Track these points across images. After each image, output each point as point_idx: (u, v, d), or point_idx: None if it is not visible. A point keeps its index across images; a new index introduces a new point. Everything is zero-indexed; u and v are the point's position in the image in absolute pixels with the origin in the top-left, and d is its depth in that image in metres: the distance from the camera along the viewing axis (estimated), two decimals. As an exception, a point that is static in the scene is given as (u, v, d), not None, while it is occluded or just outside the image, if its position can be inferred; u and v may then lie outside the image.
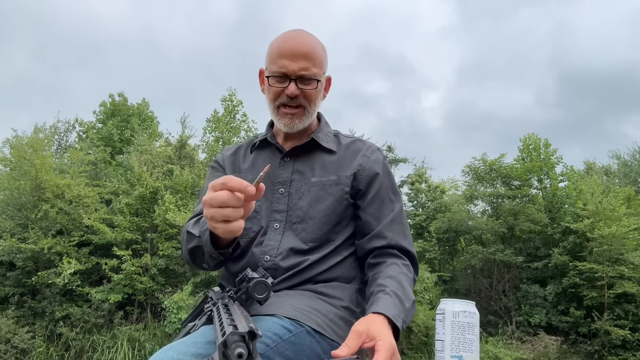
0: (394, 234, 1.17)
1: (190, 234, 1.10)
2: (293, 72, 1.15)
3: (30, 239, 7.88)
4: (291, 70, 1.15)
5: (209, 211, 0.86)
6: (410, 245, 1.18)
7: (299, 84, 1.17)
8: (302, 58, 1.15)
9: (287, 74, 1.16)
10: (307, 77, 1.16)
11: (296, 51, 1.15)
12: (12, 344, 7.06)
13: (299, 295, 1.08)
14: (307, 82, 1.17)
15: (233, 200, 0.83)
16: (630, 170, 18.41)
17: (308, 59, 1.16)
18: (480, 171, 12.95)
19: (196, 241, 1.07)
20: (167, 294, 7.81)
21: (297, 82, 1.16)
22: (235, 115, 12.77)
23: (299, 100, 1.19)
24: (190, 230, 1.11)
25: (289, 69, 1.15)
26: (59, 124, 13.79)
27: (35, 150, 8.46)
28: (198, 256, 1.09)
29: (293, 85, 1.16)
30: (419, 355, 9.04)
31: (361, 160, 1.23)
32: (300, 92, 1.18)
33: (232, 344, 0.65)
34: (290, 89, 1.16)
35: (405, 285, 1.07)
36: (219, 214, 0.85)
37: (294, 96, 1.17)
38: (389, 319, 0.91)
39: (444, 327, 0.98)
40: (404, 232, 1.20)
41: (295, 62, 1.15)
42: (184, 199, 8.94)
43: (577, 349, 10.16)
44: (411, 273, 1.14)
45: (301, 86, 1.17)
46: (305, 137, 1.26)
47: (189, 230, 1.12)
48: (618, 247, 10.18)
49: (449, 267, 13.58)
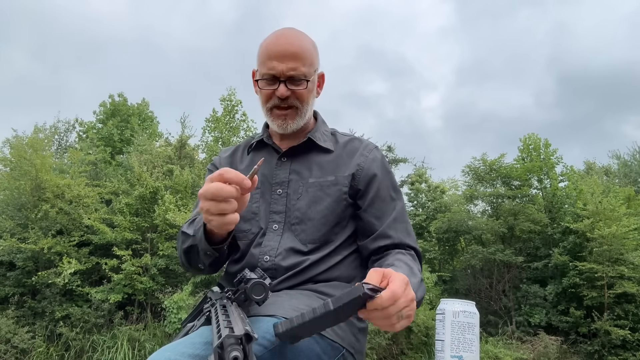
0: (398, 232, 1.17)
1: (184, 234, 1.10)
2: (282, 73, 1.14)
3: (30, 239, 7.88)
4: (279, 71, 1.14)
5: (205, 204, 0.86)
6: (414, 242, 1.18)
7: (289, 84, 1.16)
8: (290, 59, 1.14)
9: (276, 75, 1.15)
10: (296, 78, 1.15)
11: (284, 52, 1.14)
12: (12, 344, 7.06)
13: (299, 294, 1.07)
14: (297, 83, 1.16)
15: (229, 192, 0.84)
16: (630, 170, 18.41)
17: (297, 59, 1.15)
18: (480, 171, 12.95)
19: (191, 240, 1.06)
20: (167, 294, 7.81)
21: (287, 83, 1.15)
22: (234, 115, 12.76)
23: (290, 101, 1.18)
24: (185, 231, 1.11)
25: (277, 70, 1.14)
26: (59, 124, 13.81)
27: (35, 150, 8.46)
28: (193, 256, 1.09)
29: (283, 86, 1.15)
30: (419, 355, 9.04)
31: (359, 160, 1.22)
32: (291, 93, 1.17)
33: (228, 347, 0.65)
34: (280, 91, 1.15)
35: (413, 266, 1.05)
36: (214, 207, 0.85)
37: (284, 97, 1.16)
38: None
39: (444, 327, 0.98)
40: (407, 230, 1.19)
41: (283, 63, 1.14)
42: (184, 199, 8.94)
43: (577, 349, 10.16)
44: (417, 263, 1.13)
45: (291, 87, 1.16)
46: (302, 136, 1.26)
47: (183, 231, 1.12)
48: (618, 247, 10.18)
49: (449, 267, 13.58)
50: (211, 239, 1.00)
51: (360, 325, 1.13)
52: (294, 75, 1.15)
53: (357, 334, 1.11)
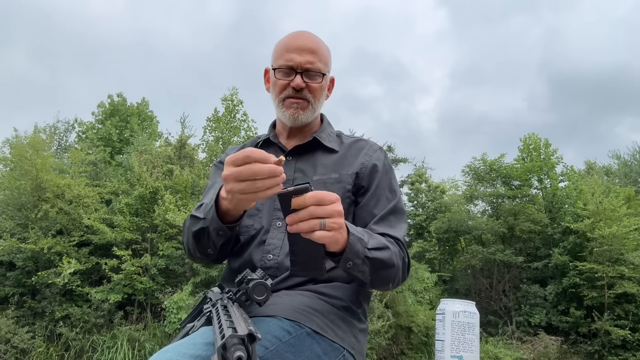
0: (383, 227, 1.15)
1: (194, 217, 1.10)
2: (299, 64, 1.19)
3: (30, 239, 7.87)
4: (297, 62, 1.19)
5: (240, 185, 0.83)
6: (398, 234, 1.15)
7: (305, 77, 1.20)
8: (308, 52, 1.19)
9: (294, 67, 1.19)
10: (312, 71, 1.20)
11: (303, 46, 1.20)
12: (12, 344, 7.06)
13: (299, 295, 1.07)
14: (312, 76, 1.20)
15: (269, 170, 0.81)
16: (630, 170, 18.40)
17: (314, 53, 1.20)
18: (480, 171, 12.95)
19: (201, 223, 1.06)
20: (167, 294, 7.80)
21: (303, 76, 1.19)
22: (235, 115, 12.75)
23: (304, 94, 1.21)
24: (195, 214, 1.10)
25: (295, 62, 1.19)
26: (58, 124, 13.81)
27: (36, 150, 8.45)
28: (203, 240, 1.08)
29: (299, 77, 1.19)
30: (419, 355, 9.04)
31: (363, 160, 1.24)
32: (306, 86, 1.20)
33: (232, 347, 0.64)
34: (296, 81, 1.19)
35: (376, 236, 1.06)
36: (251, 186, 0.83)
37: (299, 89, 1.20)
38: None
39: (444, 327, 0.98)
40: (392, 226, 1.17)
41: (301, 56, 1.19)
42: (184, 199, 8.93)
43: (577, 349, 10.16)
44: (395, 246, 1.10)
45: (307, 80, 1.20)
46: (308, 136, 1.28)
47: (193, 214, 1.11)
48: (618, 247, 10.18)
49: (449, 267, 13.58)
50: (223, 219, 1.01)
51: (360, 326, 1.13)
52: (310, 68, 1.19)
53: (357, 334, 1.11)
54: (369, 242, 0.99)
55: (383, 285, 1.08)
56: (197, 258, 1.17)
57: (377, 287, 1.09)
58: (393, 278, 1.08)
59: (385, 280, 1.06)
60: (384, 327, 8.00)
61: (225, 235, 1.03)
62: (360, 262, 0.97)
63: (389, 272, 1.05)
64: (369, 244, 0.99)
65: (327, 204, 0.84)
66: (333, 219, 0.85)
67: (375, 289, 1.13)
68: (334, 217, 0.85)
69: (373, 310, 8.09)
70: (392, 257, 1.05)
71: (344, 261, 0.95)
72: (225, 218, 1.01)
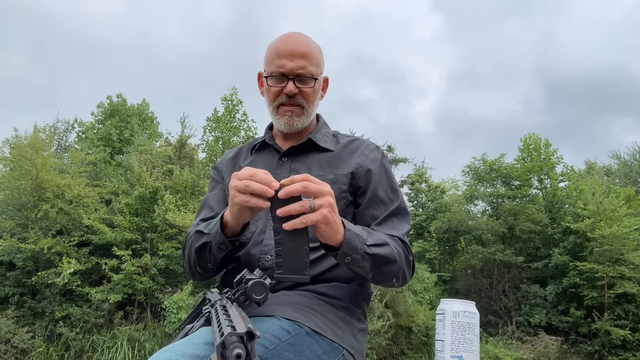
0: (385, 229, 1.15)
1: (199, 232, 1.12)
2: (291, 70, 1.17)
3: (30, 239, 7.87)
4: (289, 68, 1.17)
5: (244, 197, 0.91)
6: (401, 234, 1.16)
7: (297, 83, 1.18)
8: (299, 57, 1.18)
9: (285, 73, 1.18)
10: (304, 76, 1.18)
11: (294, 51, 1.18)
12: (12, 344, 7.06)
13: (298, 295, 1.07)
14: (305, 81, 1.19)
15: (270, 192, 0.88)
16: (630, 170, 18.41)
17: (305, 58, 1.18)
18: (480, 171, 12.95)
19: (205, 237, 1.08)
20: (167, 294, 7.80)
21: (295, 81, 1.18)
22: (235, 115, 12.75)
23: (297, 100, 1.20)
24: (200, 229, 1.12)
25: (286, 68, 1.17)
26: (58, 124, 13.80)
27: (36, 150, 8.45)
28: (204, 254, 1.09)
29: (291, 84, 1.18)
30: (419, 355, 9.04)
31: (359, 160, 1.23)
32: (299, 92, 1.19)
33: (231, 345, 0.64)
34: (289, 88, 1.18)
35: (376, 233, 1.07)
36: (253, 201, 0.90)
37: (292, 95, 1.19)
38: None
39: (444, 327, 0.98)
40: (394, 227, 1.17)
41: (292, 61, 1.17)
42: (183, 199, 8.93)
43: (577, 349, 10.16)
44: (398, 243, 1.11)
45: (299, 85, 1.19)
46: (303, 137, 1.27)
47: (198, 230, 1.13)
48: (618, 247, 10.18)
49: (449, 267, 13.59)
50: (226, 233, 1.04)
51: (360, 326, 1.13)
52: (302, 73, 1.18)
53: (357, 334, 1.10)
54: (367, 239, 1.00)
55: (386, 281, 1.08)
56: (197, 274, 1.18)
57: (381, 283, 1.10)
58: (396, 274, 1.08)
59: (387, 276, 1.06)
60: (384, 327, 8.00)
61: (226, 249, 1.05)
62: (360, 257, 0.97)
63: (391, 268, 1.05)
64: (368, 241, 1.00)
65: (316, 183, 0.89)
66: (323, 198, 0.88)
67: (380, 285, 1.14)
68: (324, 195, 0.89)
69: (373, 310, 8.09)
70: (393, 253, 1.05)
71: (341, 256, 0.96)
72: (227, 232, 1.03)
